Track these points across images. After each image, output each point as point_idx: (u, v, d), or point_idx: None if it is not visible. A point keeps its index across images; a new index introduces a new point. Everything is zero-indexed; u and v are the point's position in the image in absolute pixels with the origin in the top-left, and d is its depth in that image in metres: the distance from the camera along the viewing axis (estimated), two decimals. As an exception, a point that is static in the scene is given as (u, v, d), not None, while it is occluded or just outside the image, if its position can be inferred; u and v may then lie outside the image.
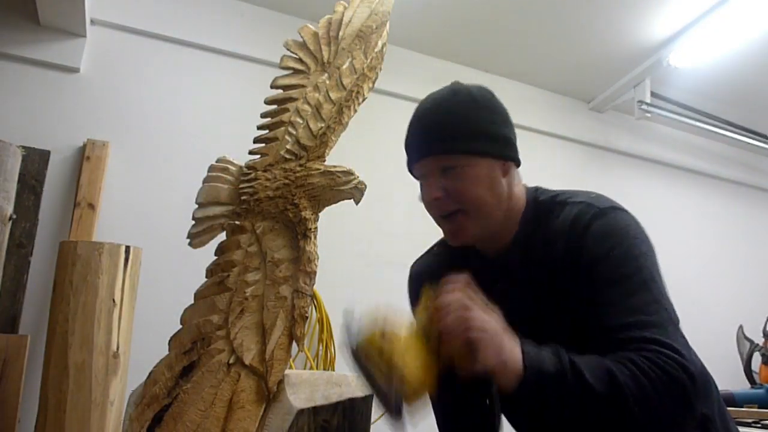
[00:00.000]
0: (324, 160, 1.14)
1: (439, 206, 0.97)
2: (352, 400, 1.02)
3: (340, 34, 1.21)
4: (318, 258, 1.09)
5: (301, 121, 1.15)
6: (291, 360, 1.33)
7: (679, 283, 3.11)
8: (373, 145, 2.44)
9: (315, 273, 1.08)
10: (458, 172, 0.94)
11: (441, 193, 0.95)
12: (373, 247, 2.48)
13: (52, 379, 1.48)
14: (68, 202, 1.98)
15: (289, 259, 1.08)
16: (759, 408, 1.47)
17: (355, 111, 1.20)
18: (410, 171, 1.05)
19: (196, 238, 1.11)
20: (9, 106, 1.97)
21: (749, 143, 3.35)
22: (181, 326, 1.06)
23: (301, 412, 0.95)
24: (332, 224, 1.47)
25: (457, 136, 0.95)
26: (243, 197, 1.11)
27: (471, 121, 0.96)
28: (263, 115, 1.18)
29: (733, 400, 1.51)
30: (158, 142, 2.16)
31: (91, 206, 1.94)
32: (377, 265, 2.44)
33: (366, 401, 1.06)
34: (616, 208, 0.93)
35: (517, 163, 1.01)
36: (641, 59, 2.76)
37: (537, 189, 1.03)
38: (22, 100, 1.99)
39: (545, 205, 0.98)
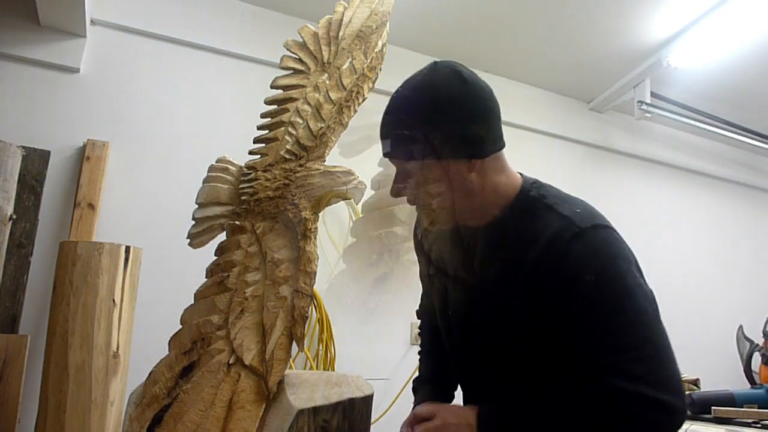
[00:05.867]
0: (324, 161, 1.14)
1: (406, 197, 0.97)
2: (352, 400, 1.02)
3: (340, 34, 1.21)
4: (318, 258, 1.09)
5: (301, 122, 1.15)
6: (291, 360, 1.33)
7: (679, 283, 3.15)
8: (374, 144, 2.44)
9: (315, 273, 1.08)
10: (418, 176, 0.93)
11: (406, 190, 0.96)
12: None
13: (52, 379, 1.48)
14: (68, 202, 1.97)
15: (289, 259, 1.08)
16: (759, 408, 1.46)
17: (355, 111, 1.20)
18: None
19: (196, 238, 1.11)
20: (9, 106, 1.97)
21: (749, 143, 3.35)
22: (181, 326, 1.06)
23: (301, 412, 0.95)
24: (333, 224, 1.47)
25: (411, 144, 0.91)
26: (243, 197, 1.11)
27: (428, 126, 0.90)
28: (263, 115, 1.18)
29: (733, 400, 1.50)
30: (158, 142, 2.16)
31: (91, 206, 1.94)
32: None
33: (366, 401, 1.06)
34: (598, 227, 0.88)
35: (490, 153, 0.94)
36: (641, 59, 2.76)
37: (534, 183, 0.99)
38: (22, 100, 1.99)
39: (532, 202, 0.95)
